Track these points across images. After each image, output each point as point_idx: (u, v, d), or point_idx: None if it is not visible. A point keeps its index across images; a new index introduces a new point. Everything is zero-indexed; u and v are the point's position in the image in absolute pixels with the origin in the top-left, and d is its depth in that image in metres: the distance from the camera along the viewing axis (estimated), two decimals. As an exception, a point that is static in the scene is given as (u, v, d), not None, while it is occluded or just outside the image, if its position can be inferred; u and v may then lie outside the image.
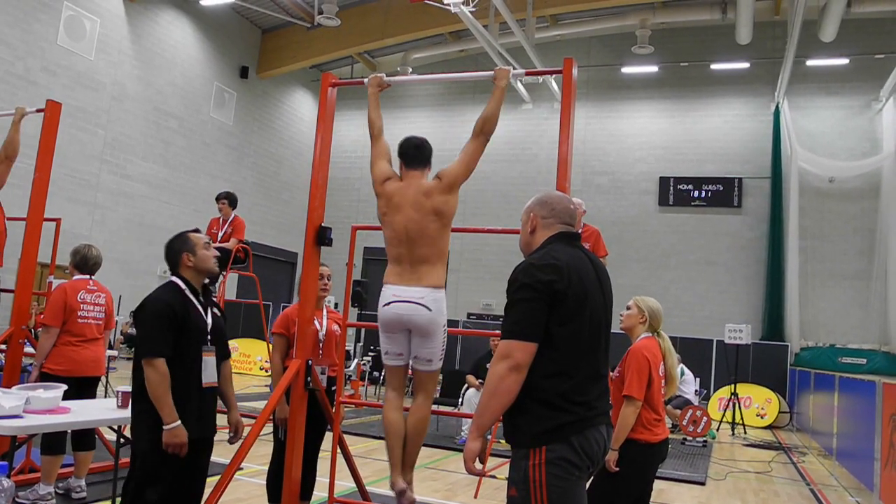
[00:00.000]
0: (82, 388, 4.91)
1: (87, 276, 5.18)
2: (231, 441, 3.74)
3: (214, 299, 3.80)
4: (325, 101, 4.36)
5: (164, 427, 3.25)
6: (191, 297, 3.51)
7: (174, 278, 3.56)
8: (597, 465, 2.52)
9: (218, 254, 3.80)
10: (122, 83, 16.17)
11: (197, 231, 3.70)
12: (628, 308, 4.15)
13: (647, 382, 3.84)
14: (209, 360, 3.52)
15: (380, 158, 4.11)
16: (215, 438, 3.67)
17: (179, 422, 3.27)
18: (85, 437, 5.04)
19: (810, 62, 17.29)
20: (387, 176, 4.02)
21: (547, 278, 2.42)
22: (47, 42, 14.42)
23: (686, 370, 12.82)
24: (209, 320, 3.57)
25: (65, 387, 4.09)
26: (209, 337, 3.54)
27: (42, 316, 5.10)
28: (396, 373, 3.97)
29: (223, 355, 3.67)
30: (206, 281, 3.69)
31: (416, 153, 3.98)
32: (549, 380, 2.41)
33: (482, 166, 4.01)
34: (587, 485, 2.57)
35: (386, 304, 3.82)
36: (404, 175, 3.98)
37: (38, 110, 5.55)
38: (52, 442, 4.83)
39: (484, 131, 3.90)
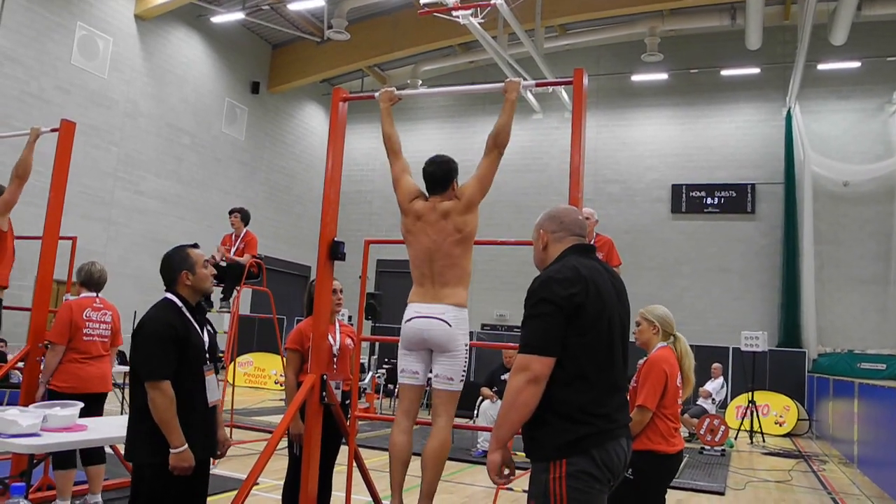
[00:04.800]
0: (89, 404, 4.89)
1: (94, 294, 5.20)
2: (215, 457, 3.64)
3: (208, 315, 3.70)
4: (336, 116, 4.36)
5: (172, 450, 3.16)
6: (188, 315, 3.41)
7: (170, 295, 3.43)
8: (617, 478, 2.50)
9: (215, 272, 3.74)
10: (135, 100, 16.31)
11: (196, 246, 3.59)
12: (638, 324, 4.11)
13: (661, 394, 3.84)
14: (211, 379, 3.44)
15: (403, 174, 4.08)
16: (229, 453, 3.65)
17: (186, 445, 3.20)
18: (93, 452, 5.04)
19: (821, 66, 17.20)
20: (414, 194, 3.98)
21: (566, 292, 2.41)
22: (61, 61, 14.57)
23: (724, 383, 12.77)
24: (206, 338, 3.48)
25: (81, 404, 4.10)
26: (207, 355, 3.45)
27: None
28: (410, 394, 3.90)
29: (215, 371, 3.58)
30: (201, 298, 3.59)
31: (433, 178, 3.93)
32: (567, 392, 2.41)
33: (494, 177, 3.99)
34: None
35: (408, 321, 3.81)
36: (429, 198, 3.95)
37: (53, 130, 5.59)
38: (63, 456, 4.84)
39: (497, 145, 3.88)
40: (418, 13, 14.83)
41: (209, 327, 3.58)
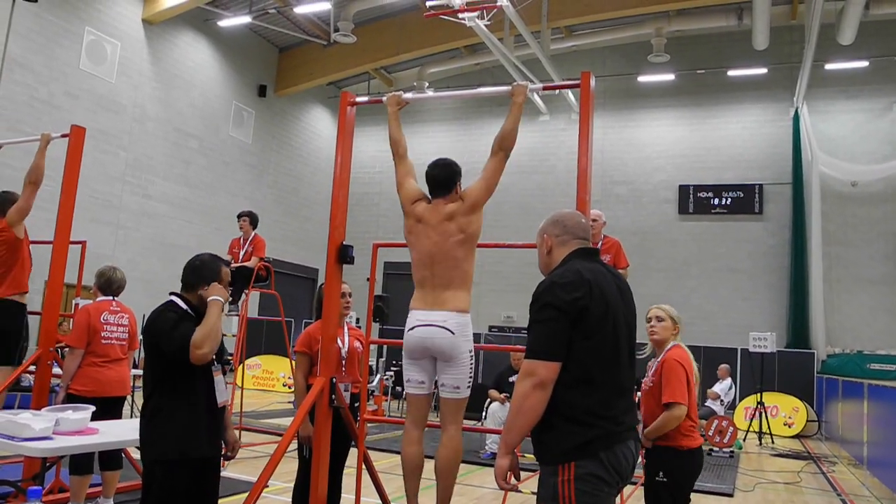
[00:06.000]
0: (108, 408, 4.94)
1: (110, 298, 5.23)
2: (226, 458, 3.69)
3: None
4: (344, 120, 4.38)
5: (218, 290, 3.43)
6: (193, 316, 3.47)
7: (176, 298, 3.49)
8: (625, 481, 2.51)
9: (229, 289, 3.77)
10: (143, 105, 16.39)
11: (228, 265, 3.67)
12: (660, 319, 4.09)
13: (687, 388, 3.87)
14: (220, 380, 3.50)
15: (407, 176, 4.10)
16: (239, 456, 3.68)
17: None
18: (112, 457, 5.08)
19: (829, 66, 17.16)
20: (416, 197, 4.00)
21: (569, 296, 2.42)
22: (70, 66, 14.66)
23: (732, 384, 12.75)
24: None
25: (93, 408, 4.12)
26: (213, 356, 3.49)
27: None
28: (418, 403, 3.91)
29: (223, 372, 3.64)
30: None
31: (436, 182, 3.94)
32: (574, 395, 2.42)
33: (501, 179, 4.00)
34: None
35: (410, 330, 3.81)
36: (432, 200, 3.96)
37: (64, 135, 5.63)
38: (80, 462, 4.87)
39: (503, 148, 3.89)
40: (424, 15, 14.86)
41: None
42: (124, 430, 4.26)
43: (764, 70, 17.90)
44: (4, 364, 5.22)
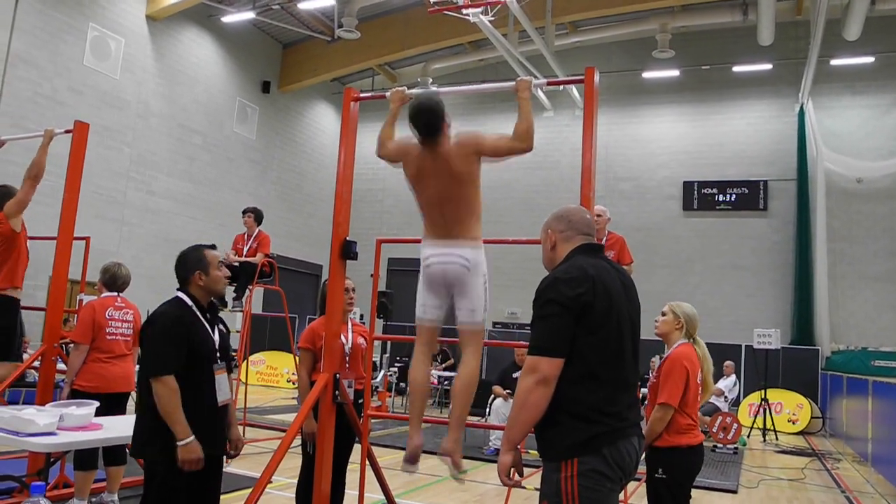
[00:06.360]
0: (112, 404, 4.95)
1: (115, 294, 5.24)
2: (230, 457, 3.67)
3: (220, 315, 3.74)
4: (347, 116, 4.38)
5: (179, 443, 3.18)
6: (198, 314, 3.45)
7: (181, 294, 3.48)
8: (629, 477, 2.51)
9: (229, 274, 3.76)
10: (147, 101, 16.39)
11: (213, 248, 3.63)
12: (664, 314, 4.15)
13: (682, 391, 3.87)
14: (222, 378, 3.47)
15: (388, 140, 4.06)
16: (244, 452, 3.67)
17: (193, 437, 3.21)
18: (116, 453, 5.09)
19: (834, 62, 17.08)
20: (403, 151, 3.91)
21: (573, 292, 2.42)
22: (74, 62, 14.66)
23: (736, 381, 12.74)
24: (216, 337, 3.51)
25: (97, 403, 4.13)
26: (218, 354, 3.48)
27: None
28: (429, 330, 3.89)
29: (228, 370, 3.61)
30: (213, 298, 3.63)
31: (425, 128, 3.79)
32: (578, 391, 2.42)
33: (504, 174, 4.00)
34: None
35: (426, 264, 3.80)
36: (423, 147, 3.82)
37: (67, 131, 5.63)
38: (85, 457, 4.89)
39: (522, 142, 3.75)
40: (428, 11, 14.81)
41: (221, 326, 3.61)
42: (128, 426, 4.25)
43: (769, 66, 17.84)
44: (4, 359, 5.23)
